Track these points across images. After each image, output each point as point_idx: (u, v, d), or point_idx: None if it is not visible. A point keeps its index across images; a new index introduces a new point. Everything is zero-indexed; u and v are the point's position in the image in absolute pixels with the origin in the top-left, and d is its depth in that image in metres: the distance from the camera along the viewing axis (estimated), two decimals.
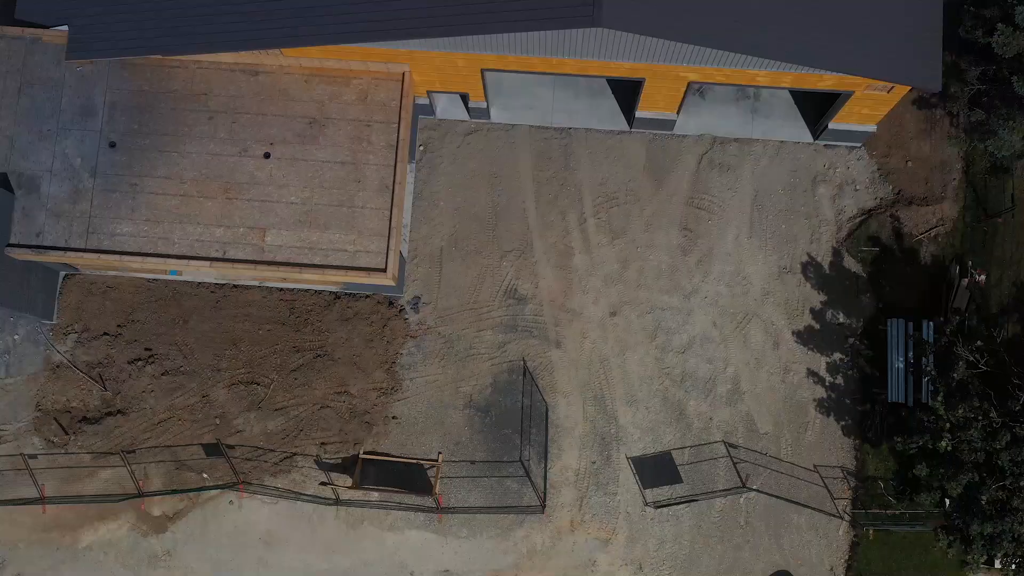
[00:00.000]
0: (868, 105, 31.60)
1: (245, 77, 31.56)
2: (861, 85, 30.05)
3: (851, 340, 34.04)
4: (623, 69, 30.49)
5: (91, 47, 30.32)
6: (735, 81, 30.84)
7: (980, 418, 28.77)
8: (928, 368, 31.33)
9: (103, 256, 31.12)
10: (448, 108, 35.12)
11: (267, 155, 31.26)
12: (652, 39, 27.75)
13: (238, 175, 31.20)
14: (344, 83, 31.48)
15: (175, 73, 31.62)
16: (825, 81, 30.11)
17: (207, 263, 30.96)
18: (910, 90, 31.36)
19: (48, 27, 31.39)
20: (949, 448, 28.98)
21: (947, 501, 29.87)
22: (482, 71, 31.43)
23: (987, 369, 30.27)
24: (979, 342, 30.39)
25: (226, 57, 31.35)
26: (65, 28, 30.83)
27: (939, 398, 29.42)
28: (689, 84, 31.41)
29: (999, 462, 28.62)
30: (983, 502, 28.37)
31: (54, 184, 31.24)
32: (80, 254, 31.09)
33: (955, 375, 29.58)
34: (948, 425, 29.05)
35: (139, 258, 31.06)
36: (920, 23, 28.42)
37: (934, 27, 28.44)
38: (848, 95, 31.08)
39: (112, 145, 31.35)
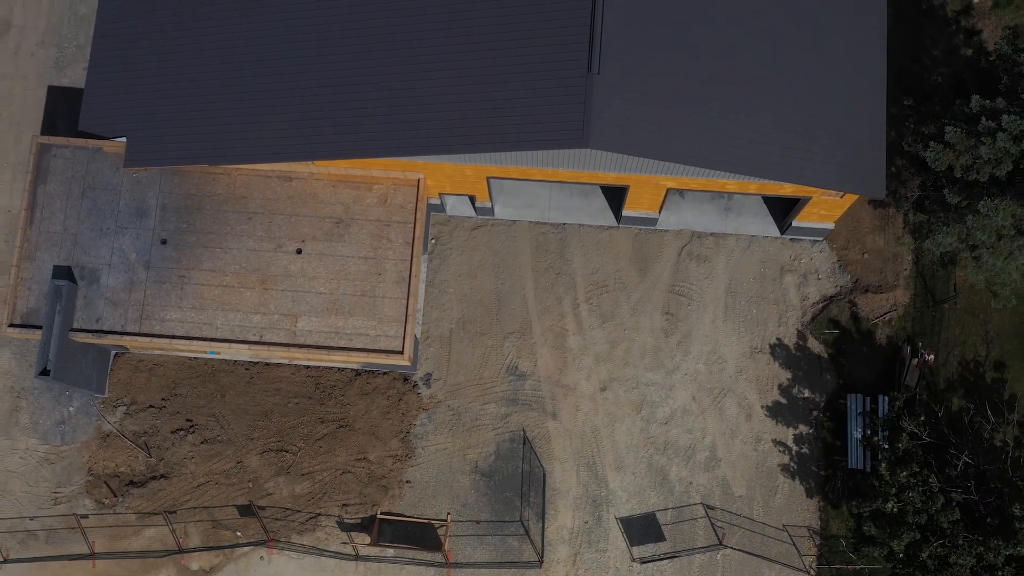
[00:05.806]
0: (825, 207, 33.68)
1: (280, 183, 33.74)
2: (816, 192, 32.12)
3: (815, 413, 35.80)
4: (610, 178, 32.64)
5: (146, 157, 32.43)
6: (708, 188, 32.97)
7: (920, 483, 30.69)
8: (878, 440, 33.07)
9: (154, 340, 32.96)
10: (457, 206, 36.99)
11: (299, 251, 33.37)
12: (633, 157, 29.98)
13: (273, 268, 33.30)
14: (367, 188, 33.63)
15: (219, 179, 33.77)
16: (785, 189, 32.36)
17: (246, 346, 32.86)
18: (860, 196, 33.47)
19: (108, 139, 33.45)
20: (895, 510, 30.79)
21: (900, 556, 31.32)
22: (487, 178, 33.71)
23: (930, 440, 32.16)
24: (923, 416, 32.27)
25: (263, 166, 33.38)
26: (123, 140, 32.96)
27: (883, 465, 31.28)
28: (668, 189, 33.58)
29: (939, 522, 30.47)
30: (923, 558, 30.26)
31: (112, 276, 33.43)
32: (134, 338, 33.01)
33: (900, 445, 31.42)
34: (894, 489, 30.82)
35: (185, 341, 32.96)
36: (866, 139, 30.50)
37: (878, 142, 30.53)
38: (807, 199, 33.11)
39: (163, 242, 33.55)
